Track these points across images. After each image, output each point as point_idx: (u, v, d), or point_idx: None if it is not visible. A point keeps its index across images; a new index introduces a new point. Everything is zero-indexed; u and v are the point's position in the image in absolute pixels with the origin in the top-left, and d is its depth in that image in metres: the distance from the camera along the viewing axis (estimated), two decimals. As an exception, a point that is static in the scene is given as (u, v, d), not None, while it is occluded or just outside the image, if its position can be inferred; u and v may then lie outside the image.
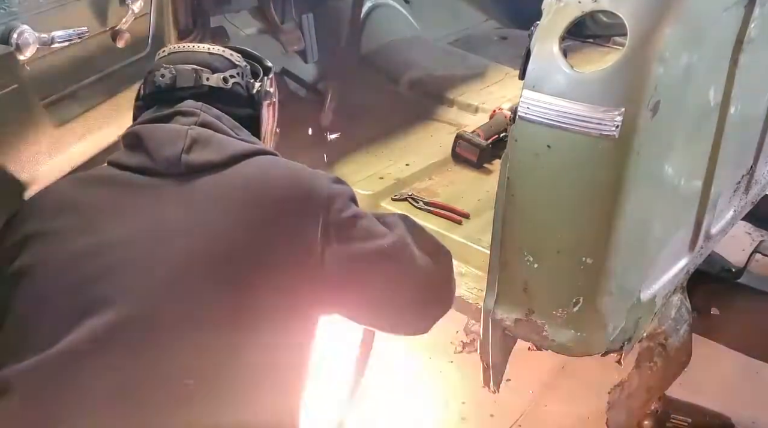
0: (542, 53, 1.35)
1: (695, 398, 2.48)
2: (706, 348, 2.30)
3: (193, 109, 1.41)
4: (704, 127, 1.63)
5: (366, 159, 2.43)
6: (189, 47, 1.53)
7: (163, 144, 1.35)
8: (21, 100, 1.44)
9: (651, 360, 1.84)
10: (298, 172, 1.40)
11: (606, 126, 1.31)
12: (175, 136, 1.35)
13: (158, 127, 1.39)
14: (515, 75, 1.48)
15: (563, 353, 1.55)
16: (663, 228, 1.59)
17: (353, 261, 1.34)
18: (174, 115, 1.41)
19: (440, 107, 2.73)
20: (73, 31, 1.52)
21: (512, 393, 2.67)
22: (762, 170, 2.12)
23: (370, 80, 2.92)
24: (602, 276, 1.44)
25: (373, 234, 1.39)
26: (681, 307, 1.88)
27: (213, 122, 1.41)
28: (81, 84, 1.64)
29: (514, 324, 1.56)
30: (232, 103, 1.48)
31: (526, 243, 1.48)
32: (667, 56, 1.30)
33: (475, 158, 2.32)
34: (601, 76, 1.31)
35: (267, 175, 1.36)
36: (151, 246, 1.27)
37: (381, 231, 1.40)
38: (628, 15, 1.29)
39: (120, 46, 1.71)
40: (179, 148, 1.33)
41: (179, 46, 1.54)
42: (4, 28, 1.39)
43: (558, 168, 1.39)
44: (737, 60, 1.61)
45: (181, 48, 1.53)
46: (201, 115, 1.40)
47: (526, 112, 1.38)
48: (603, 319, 1.49)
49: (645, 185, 1.41)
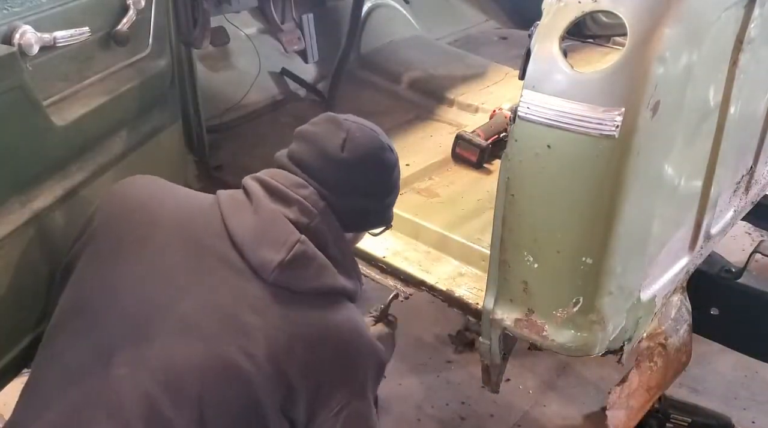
0: (542, 53, 1.35)
1: (695, 398, 2.48)
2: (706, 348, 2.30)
3: (314, 209, 1.39)
4: (704, 127, 1.63)
5: (366, 159, 2.43)
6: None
7: (263, 244, 1.34)
8: (23, 100, 1.44)
9: (651, 360, 1.84)
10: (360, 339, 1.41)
11: (606, 126, 1.31)
12: (282, 241, 1.34)
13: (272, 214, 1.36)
14: (515, 75, 1.48)
15: (563, 353, 1.55)
16: (663, 228, 1.59)
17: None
18: (294, 204, 1.38)
19: (440, 107, 2.73)
20: (74, 32, 1.53)
21: (512, 393, 2.67)
22: (762, 170, 2.12)
23: (370, 80, 2.92)
24: (602, 276, 1.44)
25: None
26: (681, 307, 1.88)
27: (322, 232, 1.39)
28: (82, 84, 1.65)
29: (514, 324, 1.56)
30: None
31: (526, 243, 1.48)
32: (667, 56, 1.30)
33: (475, 158, 2.32)
34: (601, 76, 1.31)
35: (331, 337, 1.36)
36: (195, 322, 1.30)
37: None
38: (628, 15, 1.29)
39: (120, 47, 1.71)
40: (278, 258, 1.32)
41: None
42: (6, 28, 1.40)
43: (558, 168, 1.39)
44: (737, 60, 1.61)
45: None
46: (316, 220, 1.38)
47: (526, 112, 1.38)
48: (603, 319, 1.49)
49: (645, 185, 1.41)
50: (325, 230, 1.39)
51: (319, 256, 1.37)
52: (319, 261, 1.36)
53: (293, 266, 1.33)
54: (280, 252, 1.32)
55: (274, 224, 1.36)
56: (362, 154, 1.43)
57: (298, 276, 1.34)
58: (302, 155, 1.43)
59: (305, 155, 1.42)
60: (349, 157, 1.41)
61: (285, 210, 1.37)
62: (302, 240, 1.35)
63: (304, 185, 1.40)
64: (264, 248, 1.33)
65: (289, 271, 1.33)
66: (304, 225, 1.37)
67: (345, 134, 1.42)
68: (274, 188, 1.39)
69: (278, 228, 1.35)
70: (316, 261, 1.36)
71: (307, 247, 1.35)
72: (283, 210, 1.37)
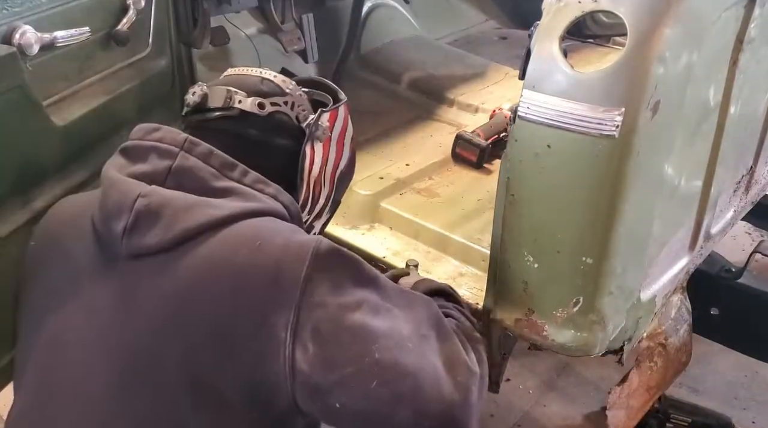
0: (542, 53, 1.35)
1: (695, 398, 2.48)
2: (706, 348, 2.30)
3: (173, 147, 1.20)
4: (704, 127, 1.63)
5: (366, 159, 2.43)
6: (243, 71, 1.39)
7: (111, 216, 1.15)
8: (23, 101, 1.44)
9: (651, 360, 1.84)
10: (267, 252, 1.09)
11: (606, 126, 1.31)
12: (122, 204, 1.14)
13: (115, 184, 1.17)
14: (515, 75, 1.48)
15: (563, 353, 1.55)
16: (663, 228, 1.59)
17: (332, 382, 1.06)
18: (151, 151, 1.21)
19: (440, 107, 2.73)
20: (74, 31, 1.53)
21: (512, 393, 2.67)
22: (762, 170, 2.12)
23: (370, 80, 2.92)
24: (602, 276, 1.44)
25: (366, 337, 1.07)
26: (681, 307, 1.88)
27: (191, 169, 1.18)
28: (82, 84, 1.65)
29: (514, 324, 1.56)
30: (271, 133, 1.31)
31: (526, 243, 1.48)
32: (667, 56, 1.30)
33: (475, 158, 2.32)
34: (601, 76, 1.31)
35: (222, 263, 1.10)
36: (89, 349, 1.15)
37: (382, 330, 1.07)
38: (628, 15, 1.29)
39: (121, 46, 1.71)
40: (121, 225, 1.13)
41: (237, 70, 1.40)
42: (6, 28, 1.39)
43: (558, 168, 1.39)
44: (737, 60, 1.61)
45: (236, 71, 1.40)
46: (178, 158, 1.18)
47: (526, 112, 1.38)
48: (603, 319, 1.49)
49: (645, 185, 1.41)
50: (196, 165, 1.18)
51: (174, 199, 1.14)
52: (174, 205, 1.13)
53: (139, 227, 1.12)
54: (122, 220, 1.13)
55: (114, 189, 1.16)
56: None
57: (148, 238, 1.12)
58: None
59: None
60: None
61: (136, 166, 1.19)
62: (144, 193, 1.13)
63: (157, 128, 1.24)
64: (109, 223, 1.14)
65: (136, 237, 1.12)
66: (162, 171, 1.17)
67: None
68: (128, 149, 1.24)
69: (119, 195, 1.15)
70: (169, 205, 1.13)
71: (152, 198, 1.13)
72: (133, 168, 1.19)
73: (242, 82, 1.35)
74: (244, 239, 1.12)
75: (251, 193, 1.20)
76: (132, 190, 1.15)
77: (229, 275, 1.09)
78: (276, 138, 1.32)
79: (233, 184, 1.19)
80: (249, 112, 1.30)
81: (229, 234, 1.12)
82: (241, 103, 1.30)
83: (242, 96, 1.30)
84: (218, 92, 1.31)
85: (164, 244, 1.12)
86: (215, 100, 1.30)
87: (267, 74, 1.39)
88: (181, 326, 1.09)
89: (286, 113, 1.33)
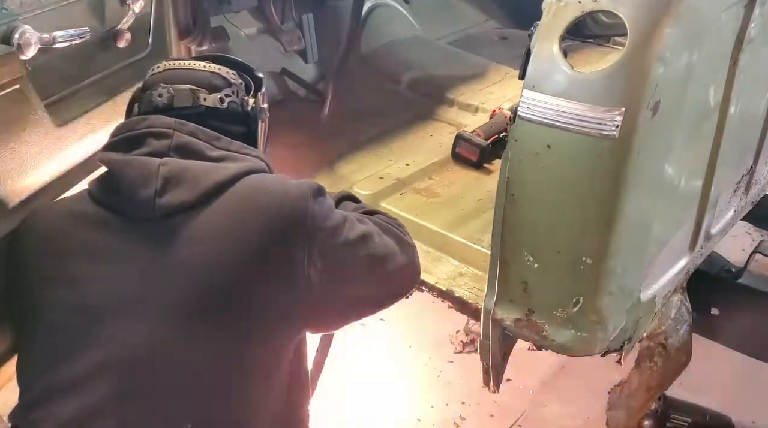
0: (542, 53, 1.35)
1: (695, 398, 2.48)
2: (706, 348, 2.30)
3: (166, 129, 1.37)
4: (704, 127, 1.63)
5: (366, 159, 2.43)
6: (186, 64, 1.49)
7: (136, 186, 1.32)
8: (22, 100, 1.44)
9: (651, 360, 1.84)
10: (277, 198, 1.36)
11: (606, 126, 1.31)
12: (146, 174, 1.32)
13: (129, 163, 1.34)
14: (515, 75, 1.48)
15: (563, 353, 1.55)
16: (663, 229, 1.59)
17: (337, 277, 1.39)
18: (146, 137, 1.36)
19: (440, 107, 2.73)
20: (74, 31, 1.53)
21: (512, 393, 2.67)
22: (762, 170, 2.12)
23: (370, 80, 2.92)
24: (602, 276, 1.44)
25: (353, 244, 1.41)
26: (681, 307, 1.88)
27: (188, 143, 1.37)
28: (82, 84, 1.65)
29: (514, 324, 1.56)
30: (228, 122, 1.46)
31: (526, 243, 1.48)
32: (667, 56, 1.30)
33: (475, 158, 2.33)
34: (601, 76, 1.31)
35: (244, 210, 1.34)
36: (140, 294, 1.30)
37: (359, 234, 1.42)
38: (628, 15, 1.29)
39: (121, 46, 1.71)
40: (152, 190, 1.31)
41: (175, 63, 1.50)
42: (5, 28, 1.39)
43: (558, 168, 1.39)
44: (737, 60, 1.61)
45: (177, 65, 1.49)
46: (174, 136, 1.37)
47: (526, 112, 1.38)
48: (603, 319, 1.49)
49: (645, 185, 1.41)
50: (191, 140, 1.37)
51: (191, 165, 1.34)
52: (192, 169, 1.34)
53: (169, 189, 1.31)
54: (151, 186, 1.30)
55: (130, 167, 1.33)
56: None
57: (179, 196, 1.32)
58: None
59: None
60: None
61: (135, 151, 1.35)
62: (163, 162, 1.33)
63: (144, 118, 1.39)
64: (137, 193, 1.31)
65: (168, 196, 1.31)
66: (163, 149, 1.35)
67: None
68: (120, 142, 1.38)
69: (140, 169, 1.33)
70: (189, 170, 1.34)
71: (173, 165, 1.33)
72: (134, 153, 1.35)
73: (197, 77, 1.46)
74: (255, 189, 1.36)
75: (241, 157, 1.42)
76: (151, 162, 1.33)
77: (256, 216, 1.33)
78: (231, 125, 1.47)
79: (225, 152, 1.40)
80: (212, 108, 1.45)
81: (240, 187, 1.35)
82: (206, 101, 1.44)
83: (205, 93, 1.44)
84: (183, 92, 1.43)
85: (192, 201, 1.32)
86: (183, 100, 1.43)
87: (212, 68, 1.50)
88: (223, 262, 1.30)
89: (236, 102, 1.49)
